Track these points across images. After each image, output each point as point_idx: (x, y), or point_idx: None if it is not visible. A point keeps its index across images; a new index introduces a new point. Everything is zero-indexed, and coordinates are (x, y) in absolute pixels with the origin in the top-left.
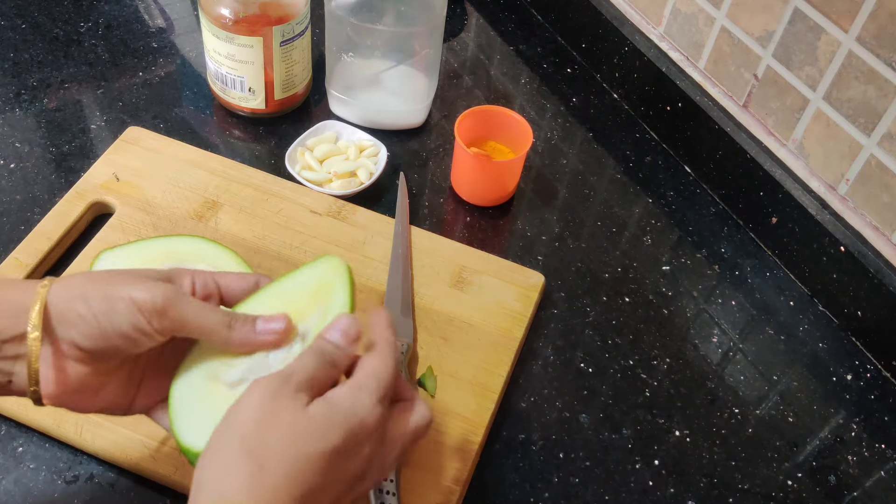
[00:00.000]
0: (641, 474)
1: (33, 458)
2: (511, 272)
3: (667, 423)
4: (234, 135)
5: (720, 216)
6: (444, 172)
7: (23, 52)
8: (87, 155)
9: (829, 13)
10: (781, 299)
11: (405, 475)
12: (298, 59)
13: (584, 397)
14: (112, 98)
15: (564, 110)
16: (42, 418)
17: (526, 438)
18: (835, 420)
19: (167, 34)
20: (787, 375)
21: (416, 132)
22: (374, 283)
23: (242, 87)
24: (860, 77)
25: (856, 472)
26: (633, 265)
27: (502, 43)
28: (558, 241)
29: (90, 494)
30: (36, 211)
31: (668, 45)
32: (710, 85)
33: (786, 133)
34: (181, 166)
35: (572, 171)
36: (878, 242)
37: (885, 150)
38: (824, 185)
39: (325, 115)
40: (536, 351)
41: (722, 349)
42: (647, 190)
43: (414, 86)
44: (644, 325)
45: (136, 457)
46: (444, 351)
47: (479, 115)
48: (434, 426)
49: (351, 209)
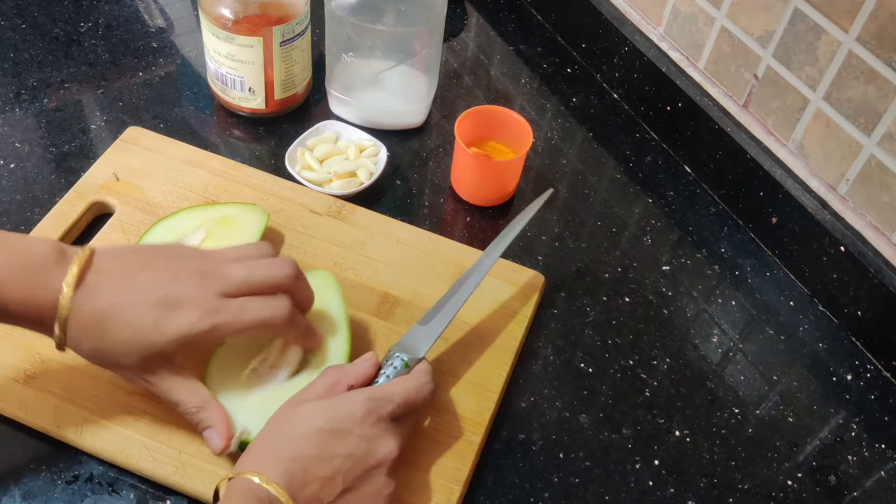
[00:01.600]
0: (641, 474)
1: (33, 458)
2: (511, 272)
3: (667, 423)
4: (234, 135)
5: (720, 216)
6: (444, 172)
7: (23, 52)
8: (87, 155)
9: (829, 13)
10: (781, 299)
11: (405, 475)
12: (298, 59)
13: (584, 397)
14: (112, 98)
15: (564, 110)
16: (42, 418)
17: (526, 438)
18: (835, 420)
19: (167, 34)
20: (787, 375)
21: (416, 132)
22: (375, 283)
23: (242, 87)
24: (860, 77)
25: (856, 472)
26: (633, 265)
27: (502, 43)
28: (558, 241)
29: (90, 494)
30: (36, 211)
31: (668, 45)
32: (710, 85)
33: (786, 133)
34: (181, 166)
35: (572, 171)
36: (878, 242)
37: (885, 150)
38: (824, 185)
39: (325, 115)
40: (536, 351)
41: (722, 349)
42: (647, 190)
43: (414, 86)
44: (644, 325)
45: (136, 457)
46: (444, 351)
47: (479, 115)
48: (434, 426)
49: (351, 209)
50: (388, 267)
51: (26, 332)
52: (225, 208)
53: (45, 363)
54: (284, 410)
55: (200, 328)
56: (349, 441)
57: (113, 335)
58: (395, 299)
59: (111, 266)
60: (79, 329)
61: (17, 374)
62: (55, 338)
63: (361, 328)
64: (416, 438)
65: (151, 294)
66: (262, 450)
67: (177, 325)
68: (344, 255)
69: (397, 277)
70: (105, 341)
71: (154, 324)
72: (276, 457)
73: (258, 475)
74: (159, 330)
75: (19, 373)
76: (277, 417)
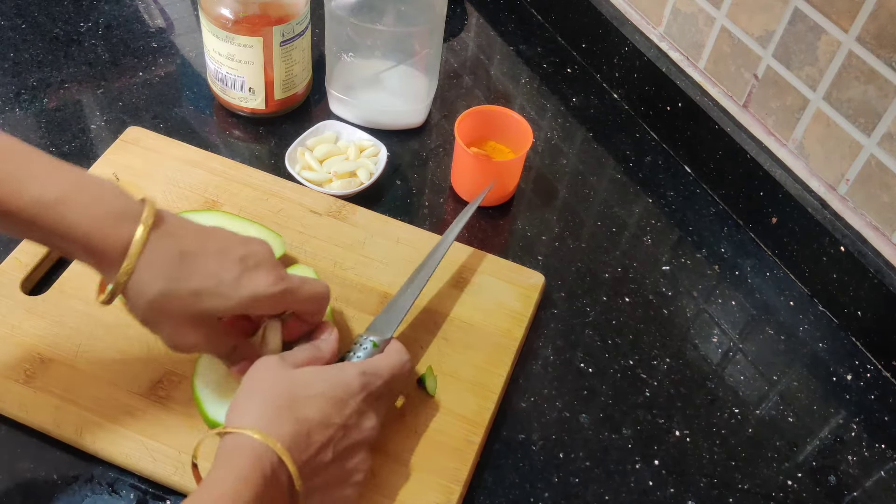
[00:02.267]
0: (641, 474)
1: (33, 458)
2: (511, 272)
3: (667, 423)
4: (234, 135)
5: (720, 216)
6: (444, 172)
7: (23, 52)
8: (87, 155)
9: (829, 13)
10: (781, 299)
11: (406, 475)
12: (298, 59)
13: (584, 397)
14: (112, 98)
15: (564, 110)
16: (42, 418)
17: (526, 438)
18: (835, 420)
19: (167, 34)
20: (787, 375)
21: (416, 132)
22: (374, 283)
23: (242, 87)
24: (860, 77)
25: (856, 472)
26: (633, 265)
27: (502, 43)
28: (558, 241)
29: (90, 494)
30: None
31: (668, 45)
32: (710, 85)
33: (786, 133)
34: (181, 166)
35: (572, 171)
36: (878, 242)
37: (885, 150)
38: (824, 185)
39: (325, 115)
40: (536, 351)
41: (722, 349)
42: (647, 190)
43: (414, 86)
44: (644, 325)
45: (136, 457)
46: (444, 351)
47: (479, 115)
48: (434, 426)
49: (351, 209)
50: (388, 267)
51: (26, 332)
52: (249, 226)
53: (45, 363)
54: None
55: (274, 290)
56: (345, 411)
57: (193, 279)
58: None
59: (181, 222)
60: (152, 268)
61: (17, 374)
62: (119, 275)
63: (361, 328)
64: (417, 438)
65: (233, 251)
66: (258, 406)
67: (255, 283)
68: (344, 255)
69: (397, 277)
70: (181, 284)
71: (237, 278)
72: (279, 415)
73: (257, 432)
74: (240, 285)
75: (19, 373)
76: (266, 376)
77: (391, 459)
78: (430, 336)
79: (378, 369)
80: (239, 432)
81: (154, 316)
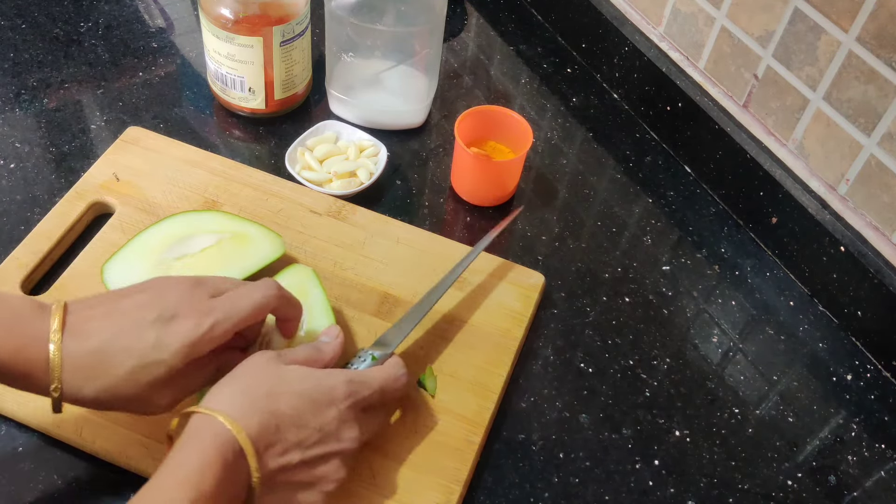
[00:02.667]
0: (641, 474)
1: (33, 458)
2: (511, 272)
3: (667, 423)
4: (234, 135)
5: (720, 216)
6: (444, 172)
7: (23, 52)
8: (87, 155)
9: (829, 13)
10: (781, 299)
11: (405, 475)
12: (298, 59)
13: (584, 397)
14: (112, 98)
15: (564, 110)
16: (42, 418)
17: (526, 438)
18: (835, 420)
19: (167, 34)
20: (787, 375)
21: (416, 132)
22: (375, 283)
23: (242, 87)
24: (860, 77)
25: (856, 472)
26: (633, 265)
27: (502, 43)
28: (558, 241)
29: (90, 494)
30: (36, 211)
31: (668, 45)
32: (710, 85)
33: (786, 133)
34: (181, 166)
35: (572, 171)
36: (878, 242)
37: (885, 150)
38: (824, 185)
39: (325, 115)
40: (536, 351)
41: (722, 349)
42: (647, 190)
43: (414, 86)
44: (644, 325)
45: (136, 457)
46: (444, 351)
47: (479, 115)
48: (434, 426)
49: (351, 209)
50: (388, 267)
51: None
52: (250, 227)
53: None
54: (263, 364)
55: (202, 330)
56: (325, 416)
57: (115, 369)
58: (395, 299)
59: (89, 310)
60: (75, 374)
61: None
62: (51, 392)
63: (361, 328)
64: (417, 438)
65: (143, 316)
66: (234, 392)
67: (178, 335)
68: (344, 255)
69: (397, 277)
70: (107, 379)
71: (156, 342)
72: (253, 405)
73: (226, 417)
74: (162, 346)
75: None
76: (254, 367)
77: (391, 459)
78: (430, 336)
79: (367, 379)
80: (208, 413)
81: (112, 405)
